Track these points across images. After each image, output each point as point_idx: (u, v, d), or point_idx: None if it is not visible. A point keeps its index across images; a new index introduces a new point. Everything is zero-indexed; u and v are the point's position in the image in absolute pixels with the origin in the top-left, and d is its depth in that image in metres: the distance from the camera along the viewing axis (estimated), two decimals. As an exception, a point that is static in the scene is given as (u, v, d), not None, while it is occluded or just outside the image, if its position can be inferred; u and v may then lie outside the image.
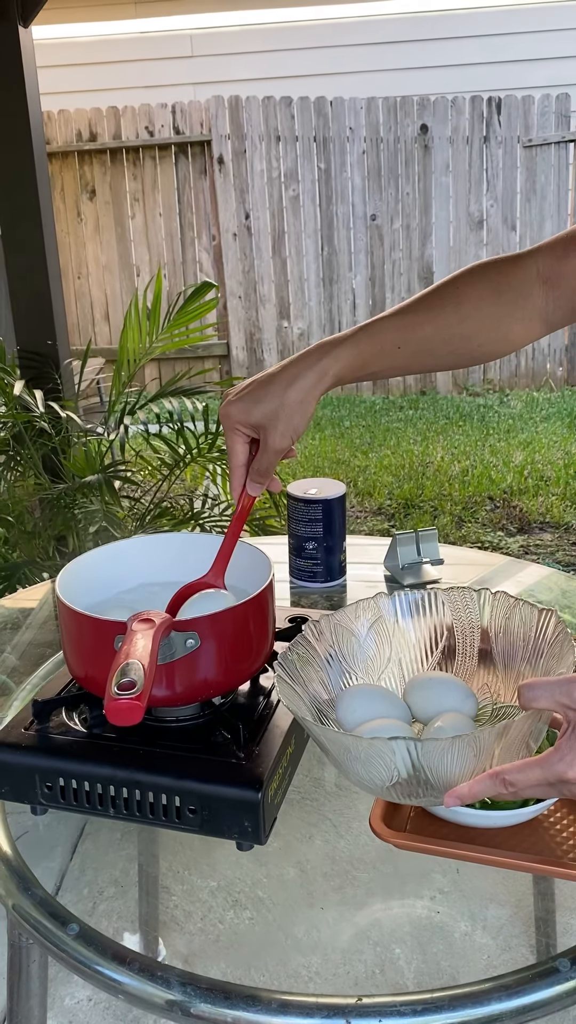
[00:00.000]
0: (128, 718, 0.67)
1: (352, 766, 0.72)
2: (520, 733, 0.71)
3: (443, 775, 0.70)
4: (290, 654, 0.82)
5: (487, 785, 0.69)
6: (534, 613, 0.84)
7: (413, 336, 0.96)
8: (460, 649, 0.90)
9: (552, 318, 1.01)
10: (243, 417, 0.90)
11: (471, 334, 0.99)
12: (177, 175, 6.25)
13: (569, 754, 0.66)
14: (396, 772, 0.70)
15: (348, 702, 0.82)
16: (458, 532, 3.95)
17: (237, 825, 0.79)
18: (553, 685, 0.68)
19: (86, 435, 2.69)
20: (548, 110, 5.94)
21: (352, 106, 6.02)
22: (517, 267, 1.00)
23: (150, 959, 0.75)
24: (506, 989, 0.69)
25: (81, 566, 0.97)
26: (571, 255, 0.98)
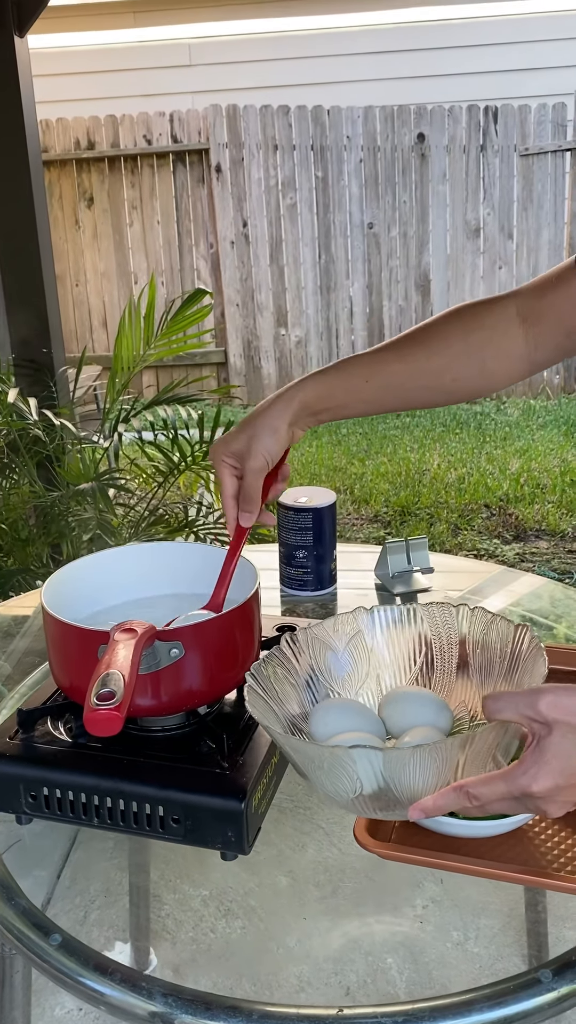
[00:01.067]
0: (107, 728, 0.67)
1: (316, 776, 0.72)
2: (485, 745, 0.70)
3: (406, 787, 0.70)
4: (264, 667, 0.82)
5: (451, 798, 0.68)
6: (510, 628, 0.84)
7: (381, 370, 1.00)
8: (438, 664, 0.90)
9: (536, 357, 1.02)
10: (224, 448, 0.98)
11: (441, 369, 1.01)
12: (175, 183, 6.27)
13: (533, 767, 0.66)
14: (359, 783, 0.70)
15: (321, 716, 0.82)
16: (454, 540, 3.95)
17: (221, 835, 0.79)
18: (517, 697, 0.68)
19: (81, 443, 2.69)
20: (545, 119, 5.96)
21: (349, 115, 6.04)
22: (492, 308, 1.02)
23: (132, 970, 0.75)
24: (488, 1000, 0.69)
25: (68, 575, 0.97)
26: (548, 294, 0.99)
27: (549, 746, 0.66)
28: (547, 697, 0.66)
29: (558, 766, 0.65)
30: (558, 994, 0.69)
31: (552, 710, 0.66)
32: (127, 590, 1.02)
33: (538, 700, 0.66)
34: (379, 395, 1.01)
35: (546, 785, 0.66)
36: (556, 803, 0.67)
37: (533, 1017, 0.69)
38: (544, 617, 1.34)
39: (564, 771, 0.65)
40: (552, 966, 0.71)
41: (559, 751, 0.65)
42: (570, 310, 0.98)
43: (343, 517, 4.27)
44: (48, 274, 2.92)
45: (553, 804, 0.67)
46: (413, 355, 1.01)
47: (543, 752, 0.66)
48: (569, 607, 1.39)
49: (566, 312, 0.98)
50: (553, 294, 0.99)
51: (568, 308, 0.98)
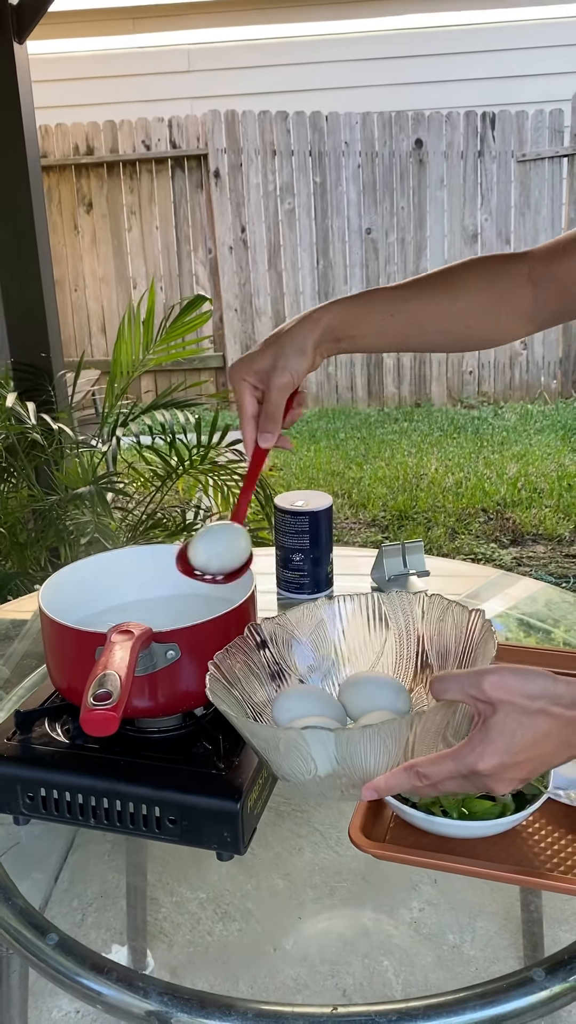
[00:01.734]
0: (103, 728, 0.68)
1: (274, 759, 0.74)
2: (433, 725, 0.72)
3: (359, 767, 0.71)
4: (228, 657, 0.83)
5: (402, 778, 0.69)
6: (464, 614, 0.85)
7: (404, 306, 1.01)
8: (399, 651, 0.92)
9: (540, 317, 1.05)
10: (247, 367, 0.97)
11: (460, 314, 1.03)
12: (174, 188, 6.28)
13: (480, 746, 0.67)
14: (314, 764, 0.71)
15: (283, 702, 0.83)
16: (451, 544, 3.96)
17: (217, 835, 0.80)
18: (462, 677, 0.69)
19: (79, 447, 2.70)
20: (542, 125, 5.98)
21: (347, 121, 6.06)
22: (509, 263, 1.04)
23: (129, 969, 0.75)
24: (481, 998, 0.69)
25: (66, 578, 0.98)
26: (558, 260, 1.02)
27: (494, 725, 0.67)
28: (491, 677, 0.67)
29: (503, 744, 0.67)
30: (550, 993, 0.70)
31: (496, 690, 0.67)
32: (124, 592, 1.02)
33: (482, 680, 0.67)
34: (399, 331, 1.02)
35: (492, 763, 0.67)
36: (503, 780, 0.68)
37: (526, 1015, 0.69)
38: (541, 621, 1.35)
39: (509, 749, 0.67)
40: (544, 965, 0.72)
41: (503, 729, 0.67)
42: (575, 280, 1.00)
43: (341, 521, 4.28)
44: (47, 279, 2.93)
45: (500, 782, 0.68)
46: (435, 297, 1.02)
47: (488, 731, 0.67)
48: (566, 611, 1.39)
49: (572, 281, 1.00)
50: (564, 263, 1.01)
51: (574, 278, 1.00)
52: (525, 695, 0.67)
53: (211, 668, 0.80)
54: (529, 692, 0.67)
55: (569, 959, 0.72)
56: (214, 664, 0.80)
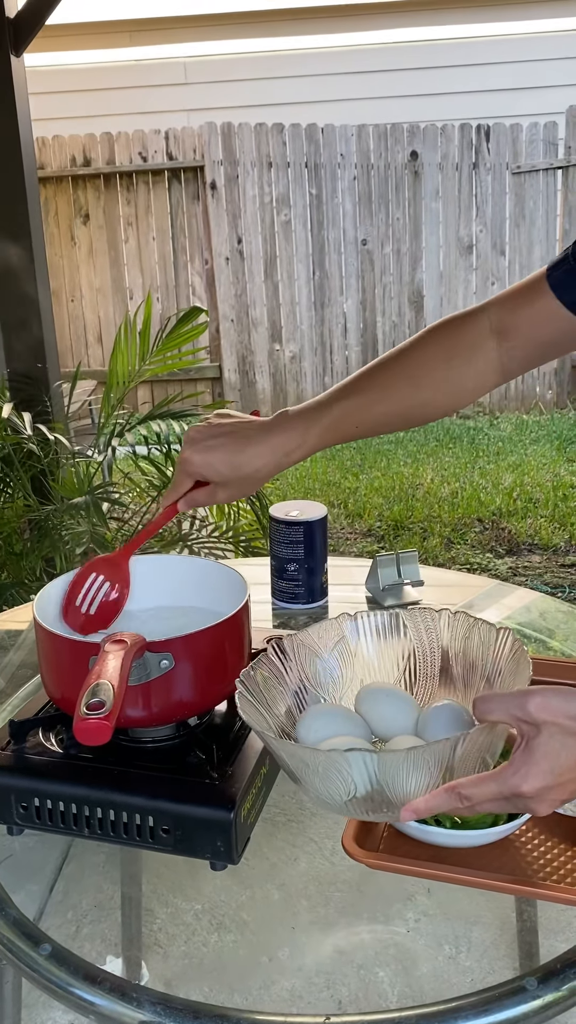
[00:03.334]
0: (96, 738, 0.68)
1: (311, 781, 0.73)
2: (475, 746, 0.71)
3: (399, 788, 0.71)
4: (253, 672, 0.83)
5: (443, 799, 0.69)
6: (492, 632, 0.85)
7: (370, 415, 1.01)
8: (422, 668, 0.91)
9: (509, 367, 1.04)
10: (200, 471, 0.98)
11: (425, 401, 1.03)
12: (170, 200, 6.31)
13: (523, 767, 0.67)
14: (353, 786, 0.71)
15: (309, 721, 0.83)
16: (447, 554, 3.96)
17: (210, 845, 0.80)
18: (507, 698, 0.69)
19: (75, 457, 2.70)
20: (536, 137, 6.02)
21: (343, 133, 6.09)
22: (468, 323, 1.03)
23: (122, 979, 0.75)
24: (474, 1007, 0.70)
25: (60, 588, 0.98)
26: (522, 305, 1.01)
27: (538, 746, 0.67)
28: (536, 699, 0.67)
29: (547, 766, 0.67)
30: (543, 1002, 0.70)
31: (541, 711, 0.67)
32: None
33: (527, 701, 0.68)
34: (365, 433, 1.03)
35: (536, 785, 0.67)
36: (545, 802, 0.68)
37: (519, 1024, 0.69)
38: (537, 631, 1.35)
39: (553, 771, 0.67)
40: (537, 974, 0.72)
41: (548, 751, 0.67)
42: (543, 323, 0.99)
43: (337, 531, 4.28)
44: (43, 290, 2.94)
45: (543, 803, 0.68)
46: (399, 392, 1.02)
47: (532, 752, 0.67)
48: (560, 621, 1.40)
49: (539, 325, 1.00)
50: (528, 308, 1.00)
51: (542, 321, 0.99)
52: (569, 716, 0.67)
53: (239, 686, 0.79)
54: (573, 713, 0.67)
55: (562, 968, 0.72)
56: (241, 682, 0.80)
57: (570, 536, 4.08)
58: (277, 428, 0.98)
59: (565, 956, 0.74)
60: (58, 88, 6.13)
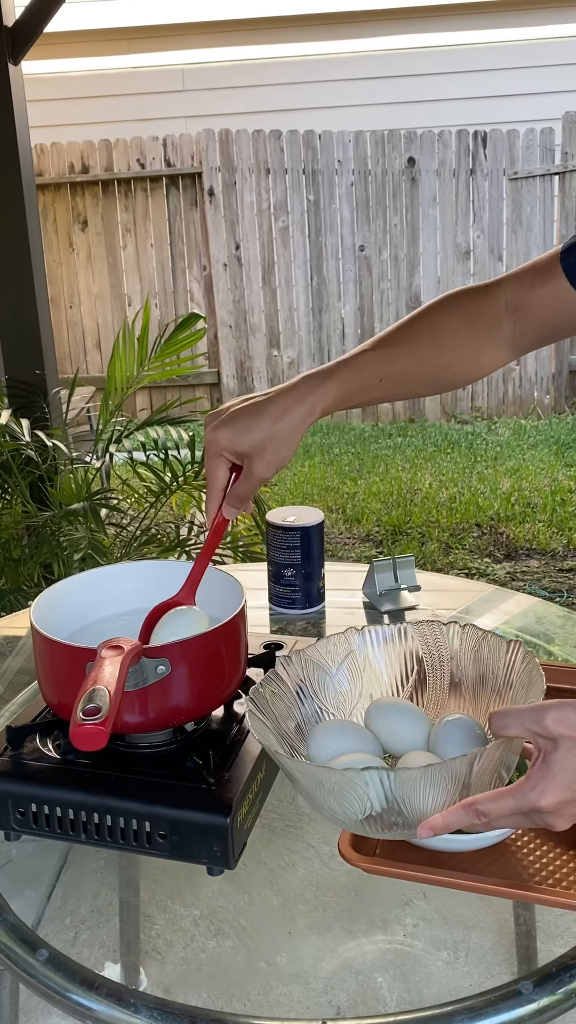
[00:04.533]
0: (92, 743, 0.68)
1: (325, 799, 0.72)
2: (491, 762, 0.71)
3: (416, 806, 0.70)
4: (262, 689, 0.83)
5: (460, 816, 0.69)
6: (502, 645, 0.85)
7: (393, 369, 0.99)
8: (431, 682, 0.91)
9: (520, 344, 1.05)
10: (230, 445, 0.91)
11: (447, 364, 1.03)
12: (168, 206, 6.32)
13: (541, 782, 0.67)
14: (369, 804, 0.70)
15: (320, 737, 0.82)
16: (445, 559, 3.97)
17: (207, 850, 0.80)
18: (524, 713, 0.69)
19: (73, 463, 2.71)
20: (533, 143, 6.04)
21: (340, 139, 6.11)
22: (487, 297, 1.04)
23: (119, 985, 0.76)
24: (470, 1011, 0.70)
25: (57, 594, 0.98)
26: (536, 286, 1.01)
27: (556, 761, 0.67)
28: (552, 713, 0.67)
29: (565, 781, 0.66)
30: (538, 1005, 0.70)
31: (558, 725, 0.67)
32: (116, 608, 1.03)
33: (544, 716, 0.67)
34: (388, 391, 1.00)
35: (555, 799, 0.67)
36: (564, 816, 0.68)
37: (514, 1028, 0.69)
38: (535, 636, 1.35)
39: (572, 785, 0.66)
40: (533, 978, 0.72)
41: (566, 765, 0.66)
42: (556, 305, 1.00)
43: (335, 536, 4.29)
44: (41, 296, 2.95)
45: (561, 818, 0.68)
46: (423, 352, 1.00)
47: (550, 767, 0.67)
48: (558, 625, 1.40)
49: (552, 308, 1.00)
50: (541, 289, 1.00)
51: (555, 304, 1.00)
52: None
53: (249, 705, 0.79)
54: None
55: (557, 972, 0.72)
56: (252, 700, 0.79)
57: (568, 541, 4.09)
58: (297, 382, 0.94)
59: (560, 960, 0.74)
60: (57, 95, 6.15)
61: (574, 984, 0.71)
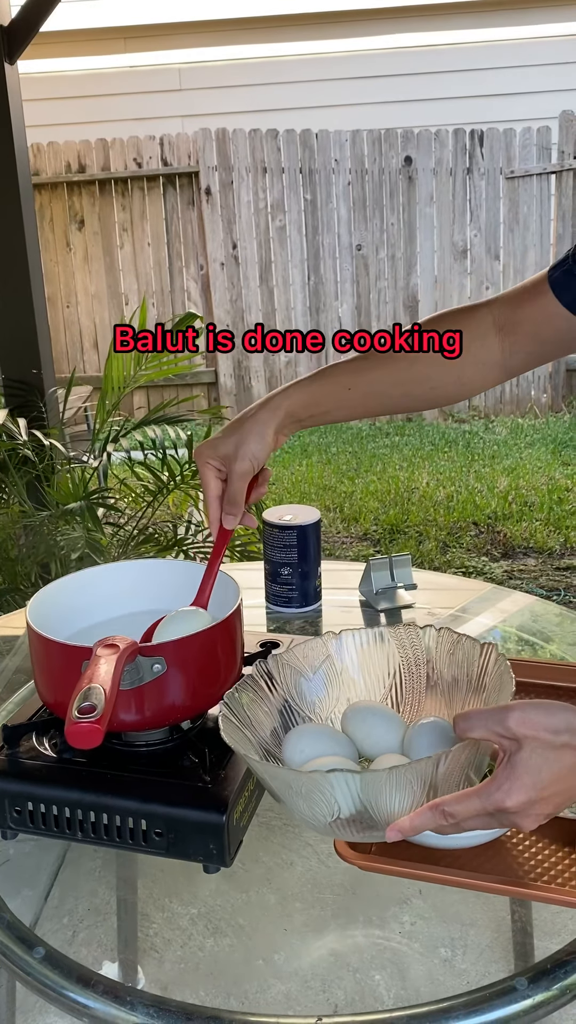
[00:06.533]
0: (87, 741, 0.69)
1: (294, 802, 0.73)
2: (458, 763, 0.71)
3: (383, 808, 0.70)
4: (237, 694, 0.83)
5: (428, 817, 0.69)
6: (476, 647, 0.85)
7: (363, 379, 1.03)
8: (407, 685, 0.91)
9: (510, 364, 1.05)
10: (211, 451, 1.01)
11: (422, 377, 1.04)
12: (165, 206, 6.32)
13: (506, 783, 0.67)
14: (337, 807, 0.70)
15: (294, 741, 0.83)
16: (443, 557, 3.97)
17: (203, 848, 0.80)
18: (487, 715, 0.69)
19: (70, 463, 2.71)
20: (529, 142, 6.04)
21: (337, 138, 6.11)
22: (471, 316, 1.05)
23: (115, 982, 0.76)
24: (465, 1007, 0.70)
25: (53, 593, 0.98)
26: (525, 305, 1.02)
27: (520, 761, 0.67)
28: (515, 714, 0.67)
29: (530, 781, 0.67)
30: (533, 1001, 0.70)
31: (520, 726, 0.67)
32: (112, 607, 1.03)
33: (507, 717, 0.67)
34: (361, 402, 1.04)
35: (520, 800, 0.67)
36: (530, 817, 0.68)
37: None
38: (532, 635, 1.36)
39: (536, 785, 0.67)
40: (528, 974, 0.72)
41: (529, 766, 0.67)
42: (544, 322, 1.01)
43: (333, 535, 4.29)
44: (38, 296, 2.95)
45: (527, 818, 0.68)
46: (395, 363, 1.04)
47: (514, 768, 0.67)
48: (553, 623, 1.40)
49: (540, 324, 1.02)
50: (529, 306, 1.02)
51: (542, 320, 1.01)
52: (550, 730, 0.67)
53: (222, 709, 0.79)
54: (554, 727, 0.67)
55: (552, 968, 0.73)
56: (225, 704, 0.79)
57: (565, 539, 4.09)
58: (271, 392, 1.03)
59: (555, 956, 0.74)
60: (53, 95, 6.15)
61: (569, 980, 0.72)
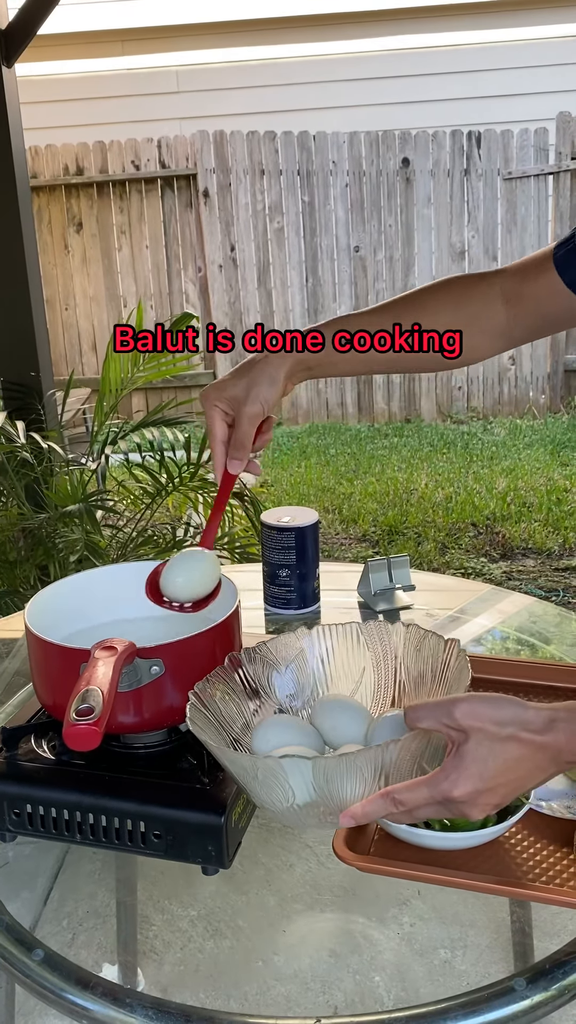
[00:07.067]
0: (85, 743, 0.69)
1: (252, 787, 0.74)
2: (408, 753, 0.72)
3: (336, 795, 0.72)
4: (209, 687, 0.84)
5: (379, 805, 0.70)
6: (440, 643, 0.86)
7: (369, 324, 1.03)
8: (376, 680, 0.93)
9: (515, 334, 1.07)
10: (218, 393, 0.98)
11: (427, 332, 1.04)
12: (163, 208, 6.33)
13: (454, 773, 0.68)
14: (292, 793, 0.72)
15: (262, 733, 0.84)
16: (442, 558, 3.97)
17: (201, 849, 0.81)
18: (435, 706, 0.70)
19: (68, 465, 2.71)
20: (527, 144, 6.05)
21: (335, 140, 6.12)
22: (481, 283, 1.06)
23: (114, 984, 0.76)
24: (463, 1008, 0.70)
25: (52, 595, 0.98)
26: (530, 278, 1.04)
27: (467, 752, 0.68)
28: (462, 706, 0.69)
29: (476, 771, 0.68)
30: (531, 1002, 0.70)
31: (467, 718, 0.68)
32: (110, 609, 1.03)
33: (454, 709, 0.69)
34: (369, 356, 1.04)
35: (466, 789, 0.68)
36: (477, 806, 0.69)
37: (508, 1025, 0.70)
38: (531, 636, 1.36)
39: (482, 775, 0.68)
40: (526, 975, 0.72)
41: (476, 756, 0.68)
42: (548, 297, 1.03)
43: (332, 537, 4.29)
44: (36, 298, 2.95)
45: (474, 807, 0.69)
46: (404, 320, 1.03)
47: (462, 758, 0.68)
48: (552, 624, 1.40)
49: (544, 299, 1.03)
50: (534, 281, 1.03)
51: (546, 295, 1.03)
52: (495, 722, 0.68)
53: (191, 697, 0.80)
54: (499, 719, 0.68)
55: (550, 968, 0.73)
56: (194, 694, 0.80)
57: (564, 540, 4.10)
58: None
59: (554, 956, 0.74)
60: (51, 97, 6.15)
61: (567, 980, 0.72)
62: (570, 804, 0.87)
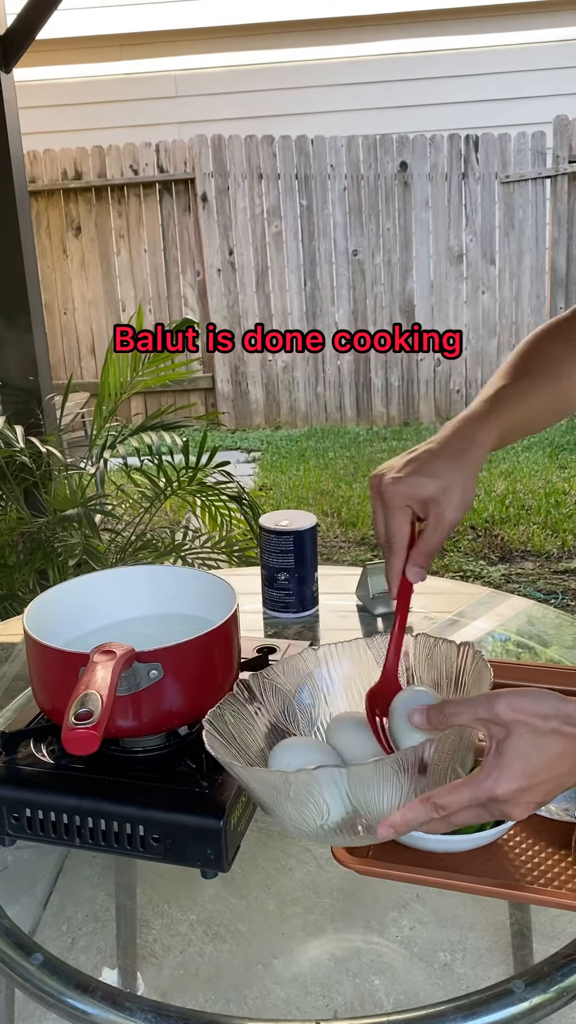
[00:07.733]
0: (84, 747, 0.69)
1: (283, 807, 0.72)
2: (444, 753, 0.71)
3: (373, 805, 0.70)
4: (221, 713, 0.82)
5: (419, 811, 0.68)
6: (453, 648, 0.85)
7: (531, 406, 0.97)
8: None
9: None
10: (414, 492, 0.86)
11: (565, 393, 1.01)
12: (161, 212, 6.33)
13: (495, 770, 0.66)
14: (327, 808, 0.70)
15: (281, 755, 0.82)
16: (440, 561, 3.97)
17: (200, 853, 0.81)
18: (473, 701, 0.69)
19: (67, 469, 2.71)
20: (524, 147, 6.06)
21: (333, 144, 6.13)
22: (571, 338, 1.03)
23: (114, 988, 0.76)
24: (462, 1011, 0.70)
25: (51, 600, 0.99)
26: None
27: (508, 748, 0.66)
28: (503, 700, 0.67)
29: (519, 767, 0.66)
30: (530, 1004, 0.70)
31: (509, 712, 0.67)
32: (109, 613, 1.03)
33: (495, 703, 0.67)
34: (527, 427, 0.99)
35: (510, 787, 0.66)
36: (520, 805, 0.67)
37: (507, 1027, 0.70)
38: (530, 639, 1.36)
39: (525, 772, 0.66)
40: (525, 977, 0.72)
41: (519, 752, 0.66)
42: None
43: (330, 540, 4.29)
44: (35, 302, 2.96)
45: (517, 807, 0.67)
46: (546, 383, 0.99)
47: (503, 754, 0.66)
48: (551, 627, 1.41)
49: None
50: None
51: None
52: (538, 715, 0.66)
53: (206, 725, 0.79)
54: (542, 712, 0.66)
55: (549, 970, 0.73)
56: (209, 722, 0.79)
57: (563, 543, 4.10)
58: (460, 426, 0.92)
59: (553, 958, 0.74)
60: (49, 102, 6.16)
61: (566, 982, 0.72)
62: (568, 807, 0.87)
